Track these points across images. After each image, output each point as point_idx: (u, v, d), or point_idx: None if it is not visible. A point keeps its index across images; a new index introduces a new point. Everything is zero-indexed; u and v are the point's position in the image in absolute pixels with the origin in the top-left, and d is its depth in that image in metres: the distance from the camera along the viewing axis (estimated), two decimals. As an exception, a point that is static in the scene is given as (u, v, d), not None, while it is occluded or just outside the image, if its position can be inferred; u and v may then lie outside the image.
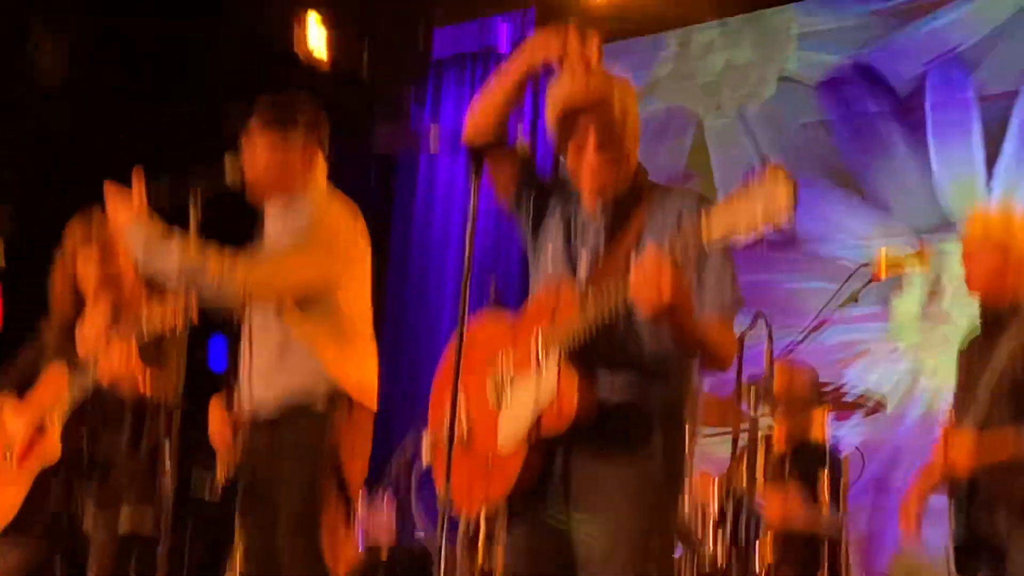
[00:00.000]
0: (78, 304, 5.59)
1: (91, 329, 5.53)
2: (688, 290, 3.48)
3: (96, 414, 5.36)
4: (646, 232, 3.73)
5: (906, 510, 5.38)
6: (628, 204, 3.80)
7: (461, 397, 3.79)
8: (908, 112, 8.55)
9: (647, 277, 3.37)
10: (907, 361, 8.32)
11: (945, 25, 8.59)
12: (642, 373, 3.70)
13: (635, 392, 3.69)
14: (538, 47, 3.87)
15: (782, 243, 8.52)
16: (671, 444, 3.74)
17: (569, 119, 3.81)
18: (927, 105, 8.46)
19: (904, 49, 8.70)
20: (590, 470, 3.69)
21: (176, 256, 4.34)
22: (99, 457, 5.36)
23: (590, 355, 3.65)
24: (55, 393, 5.37)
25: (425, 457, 3.97)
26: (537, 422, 3.66)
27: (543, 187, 3.98)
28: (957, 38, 8.51)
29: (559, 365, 3.64)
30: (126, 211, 4.43)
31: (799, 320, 7.71)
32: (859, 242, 8.46)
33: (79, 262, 5.53)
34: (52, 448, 5.32)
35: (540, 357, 3.68)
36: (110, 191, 4.49)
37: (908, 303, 8.25)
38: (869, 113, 8.68)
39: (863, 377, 8.19)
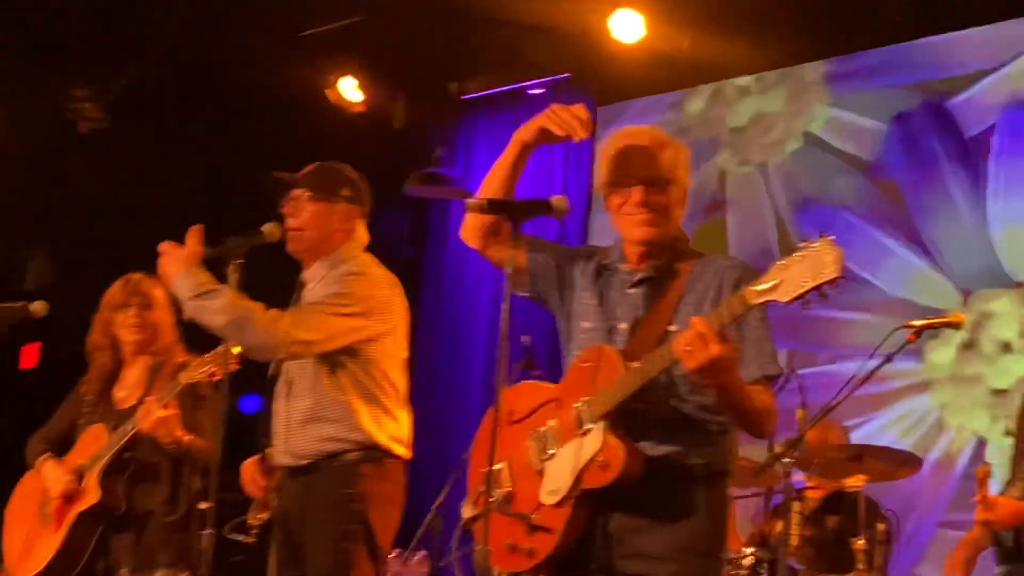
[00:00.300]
0: (116, 362, 5.65)
1: (129, 385, 5.59)
2: (734, 352, 3.50)
3: (134, 468, 5.41)
4: (684, 302, 3.76)
5: (952, 570, 5.39)
6: (667, 273, 3.83)
7: (503, 460, 3.83)
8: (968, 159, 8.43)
9: (696, 337, 3.39)
10: (933, 410, 8.26)
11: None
12: (685, 434, 3.71)
13: (677, 453, 3.70)
14: (522, 132, 3.95)
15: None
16: (714, 505, 3.76)
17: (618, 173, 3.84)
18: (992, 155, 8.32)
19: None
20: (633, 530, 3.70)
21: (224, 305, 4.39)
22: (137, 511, 5.39)
23: (633, 416, 3.67)
24: (94, 451, 5.41)
25: (464, 515, 3.98)
26: (581, 475, 3.68)
27: (562, 261, 4.03)
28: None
29: (604, 426, 3.66)
30: (178, 261, 4.49)
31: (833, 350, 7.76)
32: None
33: (117, 322, 5.60)
34: (90, 497, 5.35)
35: (584, 421, 3.69)
36: (165, 246, 4.56)
37: (942, 355, 8.20)
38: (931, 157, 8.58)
39: (888, 423, 8.18)
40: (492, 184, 3.99)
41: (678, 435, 3.70)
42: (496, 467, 3.89)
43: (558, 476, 3.75)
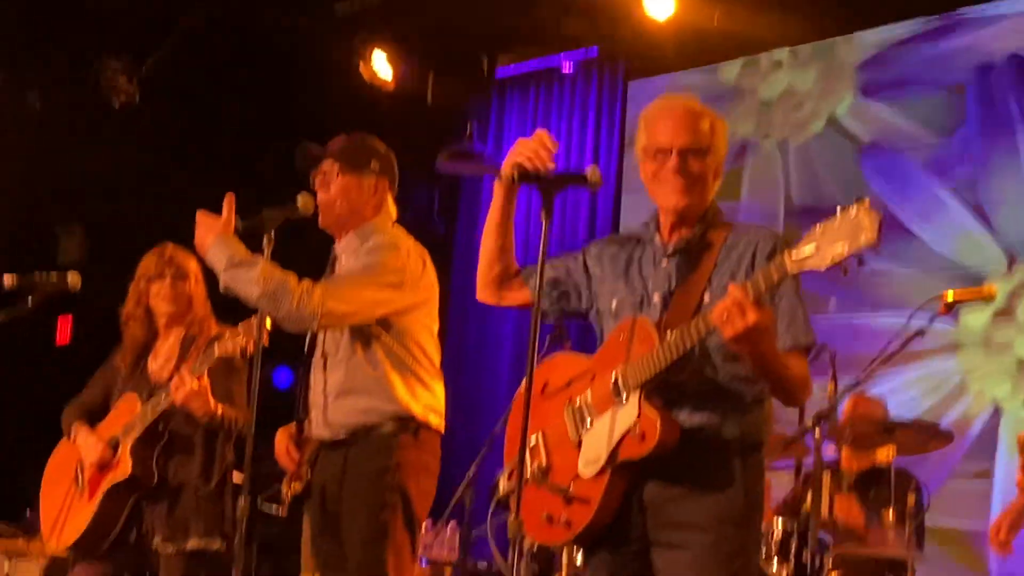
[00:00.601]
0: (150, 332, 5.69)
1: (163, 356, 5.63)
2: (771, 319, 3.51)
3: (168, 439, 5.45)
4: (717, 272, 3.76)
5: (997, 537, 5.41)
6: (700, 244, 3.84)
7: (538, 432, 3.86)
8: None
9: (734, 305, 3.40)
10: (957, 373, 8.29)
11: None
12: (720, 405, 3.73)
13: (713, 423, 3.72)
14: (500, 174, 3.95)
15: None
16: (750, 474, 3.77)
17: (656, 139, 3.85)
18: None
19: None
20: (669, 501, 3.71)
21: (259, 275, 4.42)
22: (170, 482, 5.44)
23: (669, 386, 3.69)
24: (127, 420, 5.46)
25: (502, 489, 4.01)
26: (618, 447, 3.69)
27: (575, 264, 4.07)
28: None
29: (640, 396, 3.68)
30: (213, 231, 4.52)
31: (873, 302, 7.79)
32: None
33: (151, 292, 5.63)
34: (123, 469, 5.40)
35: (621, 391, 3.71)
36: (201, 216, 4.58)
37: (976, 319, 8.20)
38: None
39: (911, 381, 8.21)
40: (487, 241, 4.05)
41: (713, 405, 3.71)
42: (532, 439, 3.92)
43: (595, 447, 3.75)
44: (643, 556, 3.77)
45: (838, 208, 3.30)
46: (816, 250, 3.30)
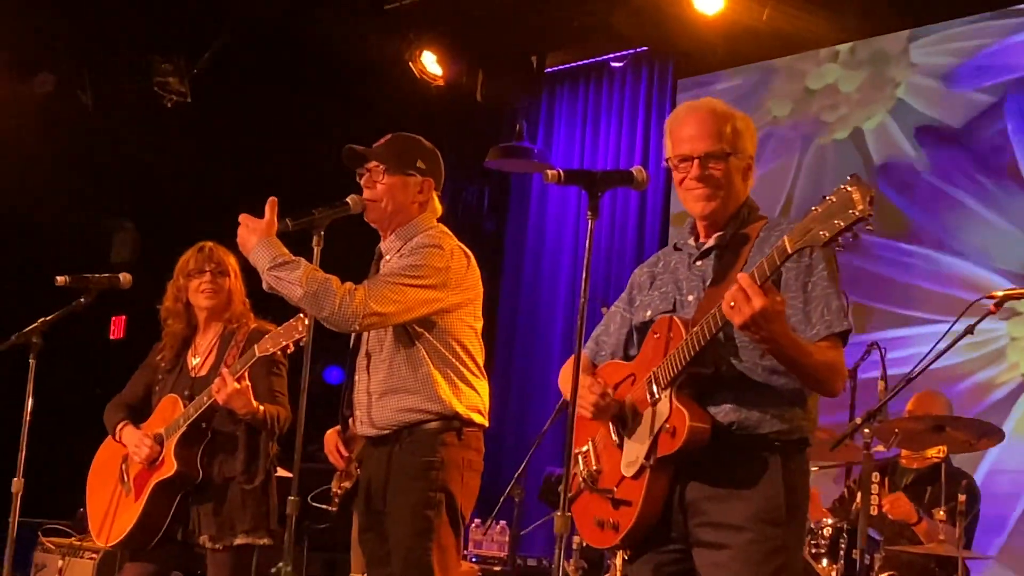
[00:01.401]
0: (190, 328, 5.73)
1: (202, 352, 5.67)
2: (779, 305, 3.48)
3: (212, 437, 5.49)
4: (748, 266, 3.71)
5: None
6: (734, 242, 3.84)
7: (588, 439, 3.90)
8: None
9: (737, 292, 3.41)
10: (1003, 336, 8.28)
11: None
12: (758, 401, 3.71)
13: (750, 418, 3.70)
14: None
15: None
16: (791, 471, 3.74)
17: (677, 149, 3.86)
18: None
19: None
20: (708, 499, 3.70)
21: (302, 276, 4.45)
22: (215, 479, 5.48)
23: (701, 381, 3.69)
24: (170, 419, 5.50)
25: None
26: (654, 445, 3.69)
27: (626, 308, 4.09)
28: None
29: (671, 393, 3.68)
30: (256, 232, 4.55)
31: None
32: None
33: (191, 288, 5.67)
34: (168, 467, 5.45)
35: (655, 390, 3.72)
36: (243, 218, 4.61)
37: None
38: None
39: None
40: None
41: (751, 401, 3.70)
42: (584, 448, 3.95)
43: (635, 448, 3.77)
44: (686, 556, 3.76)
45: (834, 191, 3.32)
46: (813, 229, 3.30)
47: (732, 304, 3.42)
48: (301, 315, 5.02)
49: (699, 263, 3.87)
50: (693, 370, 3.66)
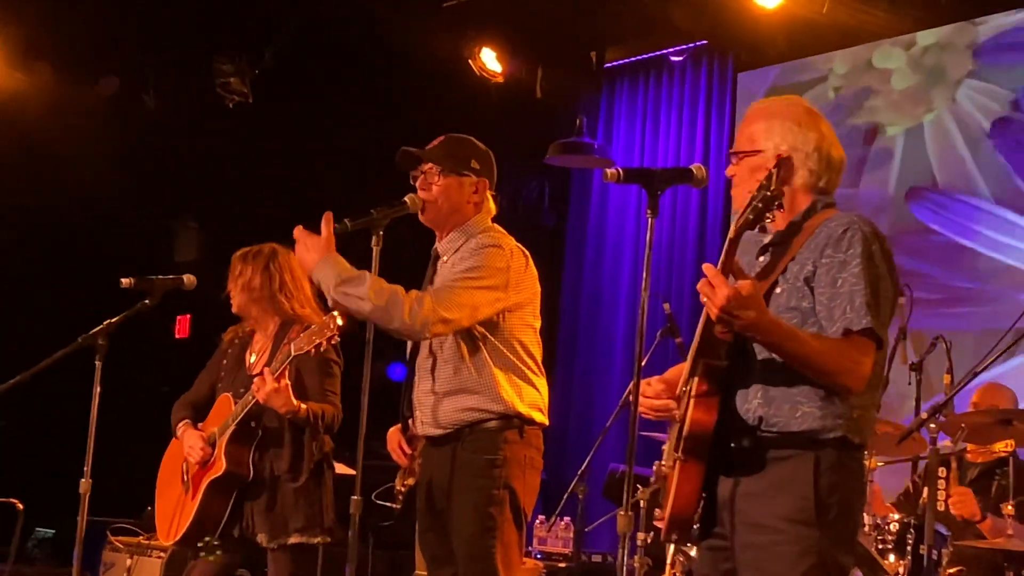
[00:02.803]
0: (249, 326, 5.76)
1: (258, 349, 5.71)
2: (748, 288, 3.41)
3: (262, 436, 5.53)
4: (796, 260, 3.70)
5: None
6: (789, 235, 3.78)
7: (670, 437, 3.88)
8: None
9: (704, 284, 3.40)
10: None
11: None
12: (789, 393, 3.64)
13: (780, 413, 3.63)
14: None
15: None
16: (828, 469, 3.63)
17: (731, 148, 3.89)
18: None
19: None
20: (742, 498, 3.67)
21: (368, 290, 4.46)
22: (266, 477, 5.51)
23: (718, 373, 3.63)
24: (223, 419, 5.55)
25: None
26: (680, 434, 3.66)
27: None
28: None
29: (695, 382, 3.63)
30: (316, 250, 4.57)
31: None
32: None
33: (239, 289, 5.69)
34: (218, 466, 5.51)
35: (688, 380, 3.70)
36: (299, 233, 4.63)
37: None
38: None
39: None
40: None
41: (780, 396, 3.64)
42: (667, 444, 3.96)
43: (671, 440, 3.79)
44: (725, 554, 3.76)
45: None
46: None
47: (703, 299, 3.41)
48: (335, 312, 5.04)
49: (760, 258, 3.83)
50: (707, 362, 3.62)
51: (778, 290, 3.68)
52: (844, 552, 3.71)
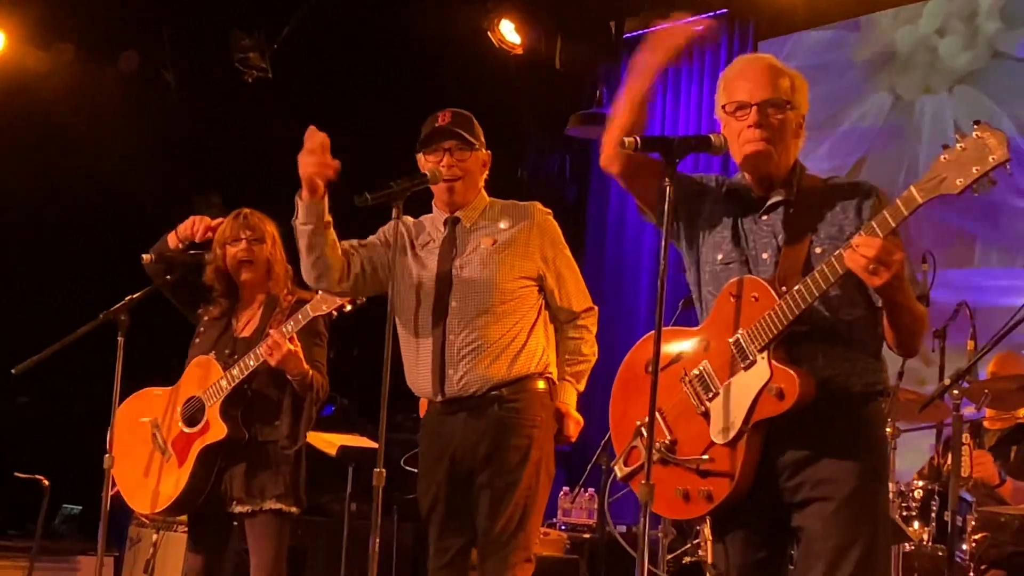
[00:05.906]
0: (232, 297, 5.69)
1: (244, 319, 5.63)
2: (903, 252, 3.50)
3: (252, 400, 5.49)
4: (825, 222, 3.75)
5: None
6: (799, 199, 3.81)
7: (658, 412, 3.82)
8: None
9: (881, 250, 3.41)
10: None
11: None
12: (844, 355, 3.70)
13: (839, 375, 3.69)
14: (639, 60, 3.96)
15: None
16: (874, 422, 3.80)
17: (735, 96, 3.83)
18: None
19: None
20: (803, 457, 3.70)
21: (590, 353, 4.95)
22: (251, 443, 5.46)
23: (792, 341, 3.67)
24: (208, 382, 5.48)
25: (619, 474, 3.99)
26: (753, 408, 3.67)
27: (688, 191, 3.99)
28: None
29: (768, 355, 3.66)
30: None
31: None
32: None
33: (228, 257, 5.63)
34: (216, 431, 5.42)
35: (747, 353, 3.69)
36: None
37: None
38: None
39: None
40: (630, 118, 3.94)
41: (840, 356, 3.70)
42: (642, 421, 3.85)
43: (729, 413, 3.72)
44: (772, 538, 3.79)
45: (955, 136, 3.32)
46: (944, 178, 3.31)
47: (871, 268, 3.42)
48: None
49: (766, 218, 3.83)
50: (792, 330, 3.64)
51: (818, 250, 3.71)
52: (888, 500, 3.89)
